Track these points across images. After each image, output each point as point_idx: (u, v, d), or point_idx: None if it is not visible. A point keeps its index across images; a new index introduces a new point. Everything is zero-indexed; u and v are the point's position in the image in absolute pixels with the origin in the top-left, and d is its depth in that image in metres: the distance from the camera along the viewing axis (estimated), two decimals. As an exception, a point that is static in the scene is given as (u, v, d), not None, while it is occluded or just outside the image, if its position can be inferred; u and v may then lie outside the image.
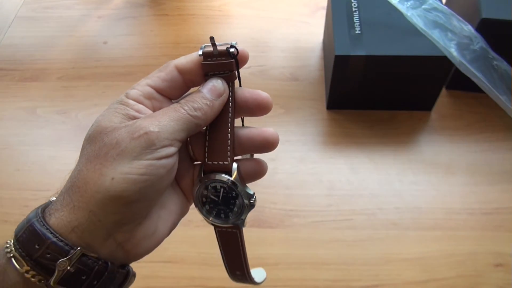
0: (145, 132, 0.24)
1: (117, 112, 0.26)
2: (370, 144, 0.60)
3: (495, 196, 0.54)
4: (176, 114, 0.26)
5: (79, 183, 0.24)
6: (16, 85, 0.70)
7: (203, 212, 0.30)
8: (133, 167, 0.23)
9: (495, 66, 0.51)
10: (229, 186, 0.28)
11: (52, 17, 0.79)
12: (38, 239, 0.23)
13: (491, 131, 0.60)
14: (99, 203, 0.23)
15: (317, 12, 0.77)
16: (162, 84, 0.28)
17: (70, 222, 0.24)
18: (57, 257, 0.23)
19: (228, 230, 0.31)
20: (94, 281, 0.24)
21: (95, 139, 0.25)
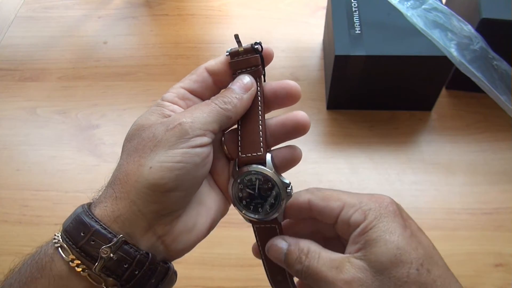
0: (179, 123, 0.26)
1: (154, 112, 0.28)
2: (370, 144, 0.60)
3: (495, 196, 0.54)
4: (208, 108, 0.27)
5: (121, 175, 0.26)
6: (16, 85, 0.70)
7: (240, 208, 0.30)
8: (169, 156, 0.25)
9: (495, 66, 0.51)
10: (264, 176, 0.29)
11: (52, 17, 0.79)
12: (84, 228, 0.24)
13: (491, 131, 0.60)
14: (139, 192, 0.25)
15: (317, 12, 0.77)
16: (194, 85, 0.30)
17: (113, 212, 0.25)
18: (101, 244, 0.24)
19: (266, 226, 0.30)
20: (136, 271, 0.25)
21: (134, 136, 0.27)
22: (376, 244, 0.25)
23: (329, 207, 0.28)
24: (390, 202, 0.27)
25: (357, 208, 0.27)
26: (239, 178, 0.29)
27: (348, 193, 0.29)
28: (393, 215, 0.27)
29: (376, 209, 0.27)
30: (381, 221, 0.26)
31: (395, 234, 0.25)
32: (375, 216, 0.26)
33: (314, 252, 0.27)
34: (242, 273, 0.49)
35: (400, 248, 0.25)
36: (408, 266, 0.24)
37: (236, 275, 0.49)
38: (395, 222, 0.26)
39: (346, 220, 0.27)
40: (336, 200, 0.28)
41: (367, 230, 0.26)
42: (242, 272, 0.49)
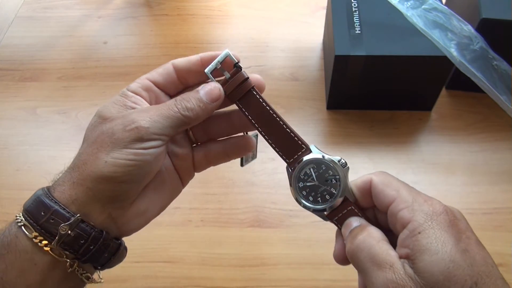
0: (136, 127, 0.28)
1: (116, 104, 0.29)
2: (370, 144, 0.60)
3: (495, 196, 0.54)
4: (168, 112, 0.29)
5: (80, 163, 0.28)
6: (16, 85, 0.70)
7: (309, 205, 0.30)
8: (123, 153, 0.27)
9: (495, 66, 0.51)
10: (315, 162, 0.30)
11: (52, 17, 0.79)
12: (44, 208, 0.27)
13: (491, 131, 0.60)
14: (94, 181, 0.27)
15: (317, 12, 0.77)
16: (158, 78, 0.31)
17: (70, 195, 0.28)
18: (60, 222, 0.27)
19: (344, 214, 0.29)
20: (91, 246, 0.28)
21: (96, 127, 0.29)
22: (427, 252, 0.24)
23: (384, 193, 0.27)
24: (444, 210, 0.26)
25: (408, 205, 0.26)
26: (296, 177, 0.30)
27: (408, 188, 0.27)
28: (447, 225, 0.25)
29: (428, 213, 0.25)
30: (432, 227, 0.24)
31: (447, 245, 0.24)
32: (425, 219, 0.25)
33: (374, 238, 0.26)
34: (242, 273, 0.49)
35: (454, 261, 0.23)
36: (461, 283, 0.23)
37: (236, 275, 0.49)
38: (448, 233, 0.24)
39: (395, 214, 0.26)
40: (393, 189, 0.27)
41: (415, 233, 0.24)
42: (242, 272, 0.49)
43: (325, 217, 0.30)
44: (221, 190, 0.56)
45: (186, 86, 0.33)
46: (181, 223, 0.53)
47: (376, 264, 0.25)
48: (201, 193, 0.56)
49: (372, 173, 0.29)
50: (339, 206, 0.29)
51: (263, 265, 0.50)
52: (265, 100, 0.31)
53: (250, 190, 0.56)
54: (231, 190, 0.56)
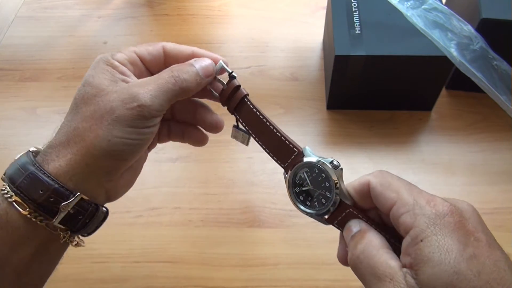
0: (138, 105, 0.27)
1: (105, 73, 0.29)
2: (370, 144, 0.60)
3: (495, 196, 0.54)
4: (167, 86, 0.29)
5: (76, 139, 0.28)
6: (16, 85, 0.70)
7: (307, 209, 0.30)
8: (127, 133, 0.27)
9: (495, 66, 0.51)
10: (308, 165, 0.29)
11: (52, 17, 0.79)
12: (42, 186, 0.27)
13: (491, 131, 0.60)
14: (94, 157, 0.27)
15: (317, 12, 0.77)
16: (147, 56, 0.31)
17: (67, 172, 0.27)
18: (60, 200, 0.27)
19: (343, 217, 0.28)
20: (87, 220, 0.29)
21: (90, 101, 0.28)
22: (429, 263, 0.22)
23: (384, 196, 0.25)
24: (449, 211, 0.23)
25: (409, 208, 0.24)
26: (291, 183, 0.30)
27: (409, 188, 0.25)
28: (452, 228, 0.22)
29: (431, 217, 0.23)
30: (435, 234, 0.22)
31: (451, 254, 0.21)
32: (427, 225, 0.23)
33: (374, 247, 0.25)
34: (242, 273, 0.49)
35: (458, 272, 0.21)
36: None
37: (236, 275, 0.49)
38: (453, 238, 0.22)
39: (396, 218, 0.24)
40: (393, 191, 0.25)
41: (417, 241, 0.22)
42: (242, 272, 0.49)
43: (325, 221, 0.30)
44: (221, 190, 0.56)
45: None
46: (181, 223, 0.53)
47: (376, 277, 0.23)
48: (201, 193, 0.56)
49: (370, 174, 0.27)
50: (337, 209, 0.28)
51: (263, 265, 0.50)
52: (256, 108, 0.31)
53: (250, 190, 0.56)
54: (231, 190, 0.56)
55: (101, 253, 0.51)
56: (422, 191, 0.25)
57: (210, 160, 0.59)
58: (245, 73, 0.68)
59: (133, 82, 0.29)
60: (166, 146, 0.59)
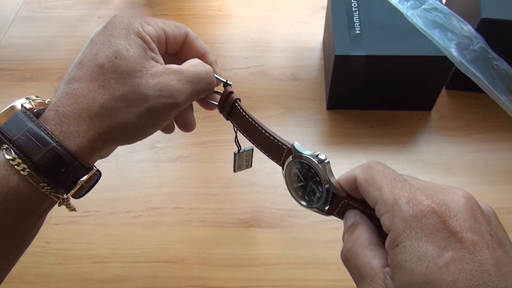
0: (173, 103, 0.28)
1: (139, 48, 0.28)
2: (370, 144, 0.60)
3: (495, 196, 0.54)
4: (204, 88, 0.31)
5: (103, 117, 0.27)
6: (16, 85, 0.69)
7: (307, 204, 0.30)
8: (153, 124, 0.29)
9: (495, 66, 0.51)
10: (297, 162, 0.29)
11: (52, 17, 0.79)
12: (64, 165, 0.26)
13: (491, 131, 0.60)
14: (115, 140, 0.28)
15: (317, 12, 0.77)
16: (172, 38, 0.31)
17: (89, 150, 0.27)
18: (78, 177, 0.27)
19: (340, 208, 0.28)
20: (91, 186, 0.30)
21: (124, 79, 0.27)
22: (401, 271, 0.21)
23: (368, 194, 0.24)
24: (431, 210, 0.21)
25: (388, 209, 0.22)
26: (289, 180, 0.30)
27: (391, 184, 0.23)
28: (430, 232, 0.20)
29: (407, 219, 0.21)
30: (410, 239, 0.21)
31: (424, 262, 0.20)
32: (403, 228, 0.21)
33: (359, 245, 0.24)
34: (242, 273, 0.49)
35: (429, 283, 0.19)
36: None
37: (236, 275, 0.49)
38: (429, 243, 0.20)
39: (380, 216, 0.23)
40: (376, 188, 0.23)
41: (394, 245, 0.21)
42: (242, 272, 0.49)
43: (326, 214, 0.29)
44: (221, 190, 0.56)
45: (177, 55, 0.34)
46: (181, 223, 0.53)
47: (359, 277, 0.23)
48: (201, 193, 0.56)
49: (359, 166, 0.26)
50: (332, 201, 0.28)
51: (263, 265, 0.50)
52: (245, 111, 0.32)
53: (250, 190, 0.56)
54: (231, 190, 0.56)
55: (101, 253, 0.51)
56: (406, 185, 0.23)
57: (210, 160, 0.59)
58: (245, 73, 0.68)
59: (167, 68, 0.29)
60: (166, 146, 0.59)
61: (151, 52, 0.29)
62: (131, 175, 0.56)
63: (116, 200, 0.54)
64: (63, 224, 0.53)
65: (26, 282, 0.48)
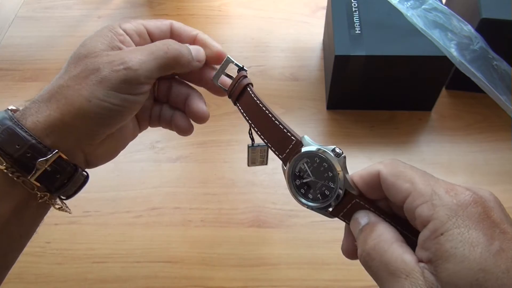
0: (124, 68, 0.27)
1: (104, 39, 0.29)
2: (370, 144, 0.60)
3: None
4: (159, 53, 0.29)
5: (59, 96, 0.27)
6: (16, 85, 0.69)
7: (309, 203, 0.28)
8: (110, 97, 0.27)
9: (495, 66, 0.51)
10: (308, 154, 0.27)
11: (52, 17, 0.79)
12: (19, 141, 0.26)
13: (491, 131, 0.60)
14: (73, 117, 0.27)
15: (317, 12, 0.77)
16: (155, 30, 0.31)
17: (45, 128, 0.27)
18: (36, 156, 0.26)
19: (349, 209, 0.26)
20: (65, 180, 0.28)
21: (80, 61, 0.28)
22: (451, 259, 0.20)
23: (396, 187, 0.23)
24: (473, 200, 0.21)
25: (426, 199, 0.22)
26: (291, 175, 0.28)
27: (425, 177, 0.23)
28: (476, 220, 0.20)
29: (452, 207, 0.21)
30: (458, 226, 0.20)
31: (477, 248, 0.19)
32: (448, 216, 0.20)
33: (385, 241, 0.23)
34: (242, 273, 0.49)
35: (484, 270, 0.19)
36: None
37: (236, 275, 0.49)
38: (478, 230, 0.20)
39: (412, 210, 0.22)
40: (406, 181, 0.23)
41: (437, 235, 0.20)
42: (242, 272, 0.49)
43: (330, 214, 0.27)
44: (221, 190, 0.56)
45: None
46: (181, 223, 0.53)
47: (390, 274, 0.21)
48: (201, 193, 0.56)
49: (380, 163, 0.25)
50: (342, 200, 0.26)
51: (263, 265, 0.50)
52: (257, 96, 0.31)
53: (250, 190, 0.56)
54: (231, 190, 0.56)
55: (101, 253, 0.51)
56: (439, 179, 0.23)
57: (210, 160, 0.59)
58: (245, 73, 0.68)
59: (128, 48, 0.29)
60: (166, 146, 0.59)
61: (119, 42, 0.29)
62: (131, 175, 0.56)
63: (116, 200, 0.54)
64: (63, 224, 0.53)
65: (25, 282, 0.48)
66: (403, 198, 0.23)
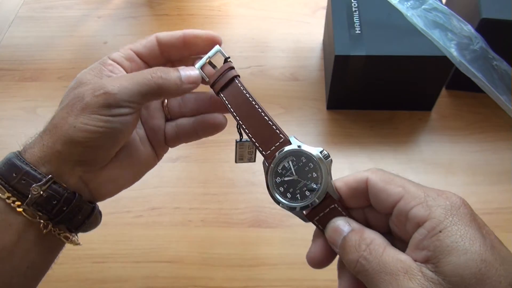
0: (103, 92, 0.28)
1: (93, 71, 0.30)
2: (370, 144, 0.60)
3: (495, 196, 0.54)
4: (141, 79, 0.29)
5: (50, 126, 0.29)
6: (16, 85, 0.70)
7: (286, 202, 0.27)
8: (92, 119, 0.27)
9: (495, 66, 0.51)
10: (296, 154, 0.27)
11: (52, 17, 0.79)
12: (15, 169, 0.27)
13: (491, 131, 0.60)
14: (63, 144, 0.28)
15: (317, 12, 0.77)
16: (142, 49, 0.32)
17: (40, 157, 0.28)
18: (31, 182, 0.27)
19: (326, 213, 0.26)
20: (64, 207, 0.28)
21: (70, 92, 0.29)
22: (453, 252, 0.20)
23: (388, 192, 0.24)
24: (463, 202, 0.23)
25: (421, 200, 0.23)
26: (273, 172, 0.28)
27: (413, 183, 0.24)
28: (469, 219, 0.22)
29: (446, 207, 0.22)
30: (455, 223, 0.21)
31: (476, 242, 0.21)
32: (445, 215, 0.22)
33: (379, 245, 0.23)
34: (242, 273, 0.49)
35: (485, 260, 0.20)
36: (495, 285, 0.20)
37: (236, 275, 0.49)
38: (472, 228, 0.21)
39: (405, 212, 0.23)
40: (398, 186, 0.24)
41: (436, 232, 0.21)
42: (242, 272, 0.49)
43: (304, 217, 0.28)
44: (221, 190, 0.56)
45: (168, 61, 0.33)
46: (181, 223, 0.53)
47: (387, 274, 0.22)
48: (201, 193, 0.56)
49: (366, 171, 0.26)
50: (321, 203, 0.26)
51: (263, 265, 0.50)
52: (246, 89, 0.30)
53: (250, 190, 0.56)
54: (231, 190, 0.56)
55: (101, 253, 0.51)
56: (426, 186, 0.24)
57: (210, 160, 0.59)
58: (245, 73, 0.68)
59: (114, 76, 0.30)
60: (166, 146, 0.59)
61: (107, 71, 0.30)
62: (131, 175, 0.56)
63: (116, 200, 0.54)
64: (63, 224, 0.53)
65: (26, 282, 0.48)
66: (393, 202, 0.24)
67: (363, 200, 0.26)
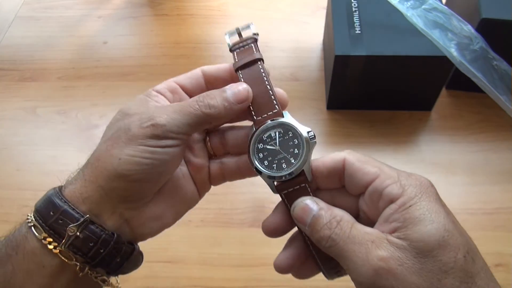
0: (151, 124, 0.27)
1: (138, 102, 0.29)
2: (370, 144, 0.60)
3: (495, 196, 0.54)
4: (188, 109, 0.28)
5: (92, 160, 0.27)
6: (16, 85, 0.70)
7: (262, 169, 0.28)
8: (138, 151, 0.26)
9: (495, 66, 0.51)
10: (283, 127, 0.28)
11: (52, 17, 0.79)
12: (53, 207, 0.26)
13: (491, 131, 0.60)
14: (106, 179, 0.26)
15: (317, 12, 0.77)
16: (185, 81, 0.31)
17: (81, 194, 0.27)
18: (68, 223, 0.26)
19: (296, 189, 0.28)
20: (101, 249, 0.26)
21: (114, 124, 0.28)
22: (421, 222, 0.23)
23: (364, 171, 0.26)
24: (431, 184, 0.25)
25: (395, 180, 0.25)
26: (258, 137, 0.28)
27: (387, 165, 0.27)
28: (435, 198, 0.25)
29: (417, 186, 0.25)
30: (424, 200, 0.24)
31: (440, 215, 0.23)
32: (415, 193, 0.24)
33: (348, 221, 0.25)
34: (242, 273, 0.49)
35: (448, 230, 0.23)
36: (455, 251, 0.22)
37: (236, 275, 0.49)
38: (438, 204, 0.24)
39: (379, 190, 0.25)
40: (374, 166, 0.26)
41: (407, 207, 0.24)
42: (242, 272, 0.49)
43: (274, 188, 0.29)
44: (221, 190, 0.55)
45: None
46: (181, 223, 0.53)
47: (356, 244, 0.24)
48: (201, 193, 0.56)
49: (342, 152, 0.28)
50: (293, 179, 0.28)
51: (263, 265, 0.50)
52: (267, 77, 0.30)
53: (250, 190, 0.56)
54: (231, 190, 0.56)
55: (101, 253, 0.51)
56: (397, 169, 0.27)
57: (210, 160, 0.59)
58: (245, 73, 0.68)
59: (160, 105, 0.29)
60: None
61: (154, 102, 0.29)
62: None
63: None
64: (63, 224, 0.53)
65: (26, 282, 0.48)
66: (369, 181, 0.26)
67: (336, 181, 0.28)
